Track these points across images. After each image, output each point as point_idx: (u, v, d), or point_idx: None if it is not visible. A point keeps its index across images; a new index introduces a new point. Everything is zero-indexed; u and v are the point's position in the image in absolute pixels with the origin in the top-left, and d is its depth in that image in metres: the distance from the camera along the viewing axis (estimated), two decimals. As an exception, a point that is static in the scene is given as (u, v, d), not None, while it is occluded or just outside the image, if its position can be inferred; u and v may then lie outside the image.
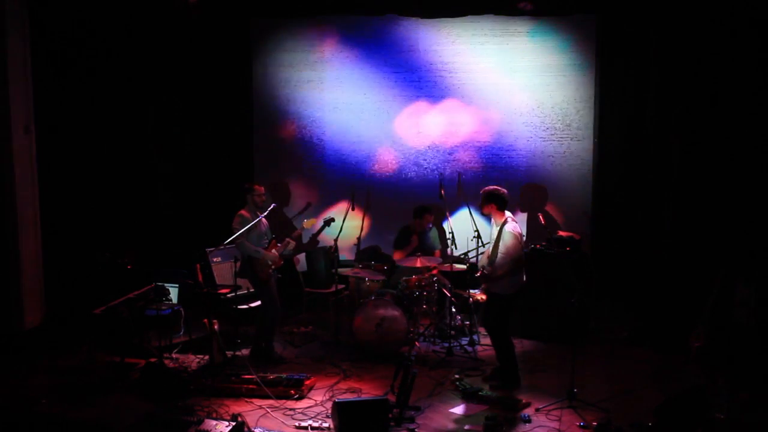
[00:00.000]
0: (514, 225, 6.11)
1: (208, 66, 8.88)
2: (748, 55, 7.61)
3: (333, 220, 7.43)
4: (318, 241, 8.82)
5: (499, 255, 6.06)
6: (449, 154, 8.86)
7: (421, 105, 8.91)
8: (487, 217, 6.39)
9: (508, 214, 6.18)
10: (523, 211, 8.65)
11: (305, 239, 8.79)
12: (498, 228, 6.13)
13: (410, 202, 8.27)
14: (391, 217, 8.66)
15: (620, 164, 8.63)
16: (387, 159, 8.98)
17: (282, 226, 8.25)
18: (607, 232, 8.74)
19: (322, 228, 7.25)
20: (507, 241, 6.02)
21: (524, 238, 6.12)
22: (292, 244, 7.05)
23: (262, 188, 6.94)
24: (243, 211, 6.84)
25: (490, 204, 6.12)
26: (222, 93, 8.96)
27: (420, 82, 8.87)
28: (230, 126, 9.04)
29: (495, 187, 6.21)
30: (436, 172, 7.90)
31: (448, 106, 8.88)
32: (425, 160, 8.90)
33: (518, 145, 8.82)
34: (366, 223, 7.64)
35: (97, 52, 8.22)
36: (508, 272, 6.04)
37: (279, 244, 6.93)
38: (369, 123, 8.98)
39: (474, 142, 8.87)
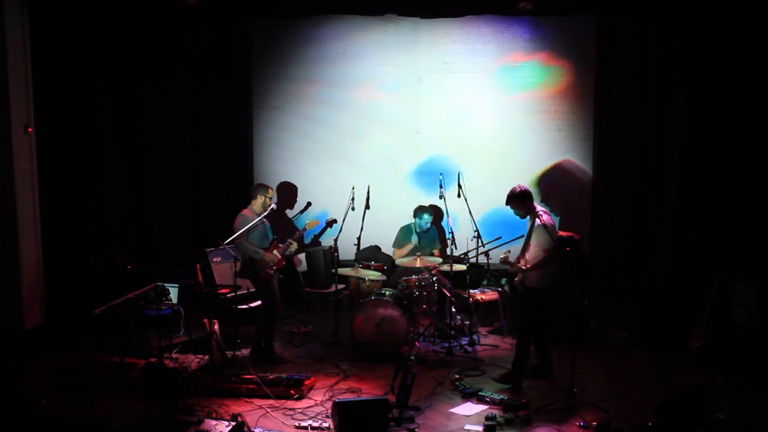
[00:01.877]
0: (545, 216, 6.20)
1: (208, 66, 8.88)
2: (748, 54, 7.61)
3: (335, 221, 7.44)
4: (320, 242, 8.83)
5: (532, 246, 6.13)
6: (449, 153, 8.85)
7: (421, 105, 8.90)
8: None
9: (538, 206, 6.28)
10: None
11: (307, 239, 8.80)
12: (530, 222, 6.20)
13: (411, 202, 8.27)
14: (392, 217, 8.66)
15: (620, 164, 8.63)
16: (387, 159, 8.98)
17: (283, 227, 8.25)
18: (607, 232, 8.74)
19: (324, 229, 7.24)
20: (540, 231, 6.10)
21: (556, 228, 6.21)
22: (294, 245, 7.06)
23: (273, 190, 6.96)
24: (245, 211, 6.84)
25: (523, 201, 6.19)
26: (222, 92, 8.96)
27: (420, 82, 8.87)
28: (230, 125, 9.03)
29: (520, 185, 6.27)
30: (436, 171, 7.89)
31: (447, 106, 8.88)
32: (425, 159, 8.89)
33: (518, 144, 8.82)
34: (366, 222, 7.63)
35: (96, 52, 8.22)
36: (542, 263, 6.10)
37: (281, 245, 6.93)
38: (369, 123, 8.98)
39: (474, 142, 8.87)
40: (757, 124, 7.64)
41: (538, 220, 6.13)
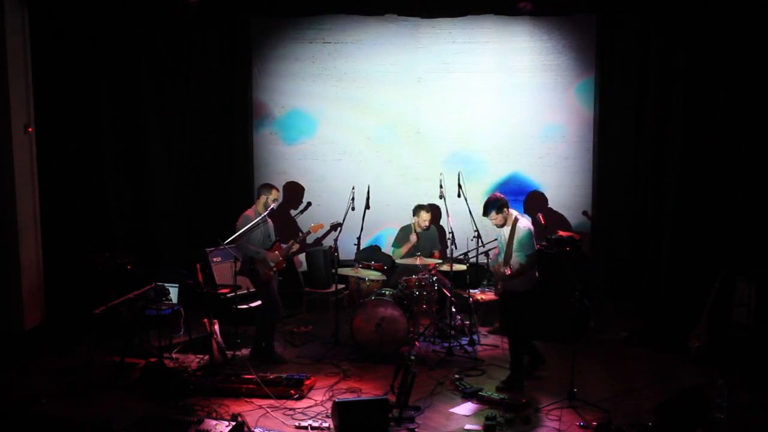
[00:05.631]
0: (526, 222, 6.17)
1: (208, 65, 8.87)
2: (748, 53, 7.61)
3: (341, 224, 7.45)
4: (321, 243, 8.83)
5: (515, 253, 6.09)
6: (449, 153, 8.85)
7: (421, 104, 8.90)
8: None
9: (514, 212, 6.22)
10: (527, 212, 8.63)
11: (309, 240, 8.78)
12: (509, 228, 6.15)
13: (411, 202, 8.26)
14: (392, 217, 8.66)
15: (620, 164, 8.63)
16: (386, 159, 8.97)
17: (285, 227, 8.25)
18: (607, 232, 8.74)
19: (329, 232, 7.24)
20: (523, 237, 6.07)
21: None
22: (296, 246, 7.06)
23: (278, 191, 6.97)
24: (248, 212, 6.86)
25: (501, 210, 6.12)
26: (222, 92, 8.95)
27: (420, 82, 8.87)
28: (230, 125, 9.03)
29: (496, 194, 6.25)
30: (436, 171, 7.90)
31: (447, 106, 8.87)
32: (425, 159, 8.89)
33: (518, 144, 8.81)
34: (366, 222, 7.64)
35: (96, 53, 8.22)
36: (527, 268, 6.08)
37: (283, 246, 6.93)
38: (369, 123, 8.97)
39: (474, 142, 8.87)
40: (757, 123, 7.65)
41: (521, 226, 6.10)
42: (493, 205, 6.09)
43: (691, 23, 7.86)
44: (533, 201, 8.70)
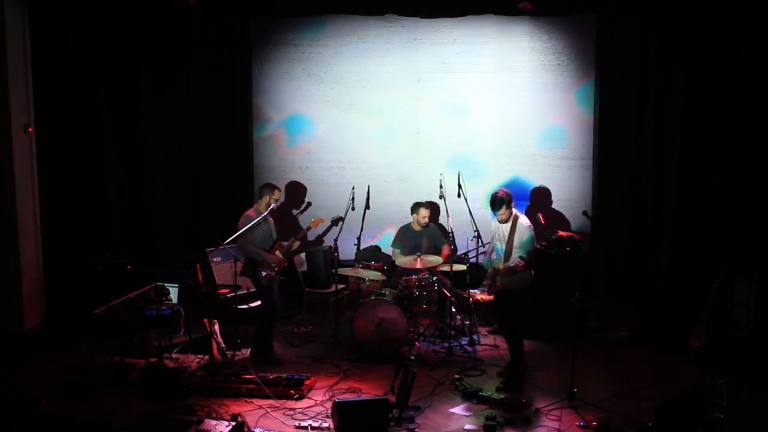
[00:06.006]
0: (527, 219, 6.27)
1: (208, 66, 8.87)
2: (749, 54, 7.61)
3: (341, 219, 7.46)
4: (323, 241, 8.83)
5: (515, 250, 6.16)
6: (449, 153, 8.85)
7: (421, 105, 8.90)
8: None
9: (514, 209, 6.29)
10: (533, 207, 8.65)
11: (310, 237, 8.78)
12: (509, 225, 6.22)
13: (411, 202, 8.25)
14: (392, 217, 8.66)
15: (620, 164, 8.62)
16: (387, 159, 8.97)
17: (286, 227, 8.24)
18: (607, 232, 8.74)
19: (330, 227, 7.24)
20: (525, 236, 6.17)
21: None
22: (297, 244, 7.06)
23: (280, 191, 6.96)
24: (250, 212, 6.86)
25: (509, 206, 6.22)
26: (222, 92, 8.95)
27: (420, 82, 8.87)
28: (230, 125, 9.03)
29: (504, 189, 6.34)
30: (436, 171, 7.90)
31: (448, 106, 8.87)
32: (425, 159, 8.89)
33: (518, 144, 8.81)
34: (366, 222, 7.64)
35: (96, 53, 8.22)
36: (528, 264, 6.14)
37: (284, 244, 6.93)
38: (369, 123, 8.97)
39: (474, 142, 8.87)
40: (757, 123, 7.65)
41: (522, 223, 6.19)
42: (503, 200, 6.21)
43: (691, 23, 7.86)
44: (539, 196, 8.70)
